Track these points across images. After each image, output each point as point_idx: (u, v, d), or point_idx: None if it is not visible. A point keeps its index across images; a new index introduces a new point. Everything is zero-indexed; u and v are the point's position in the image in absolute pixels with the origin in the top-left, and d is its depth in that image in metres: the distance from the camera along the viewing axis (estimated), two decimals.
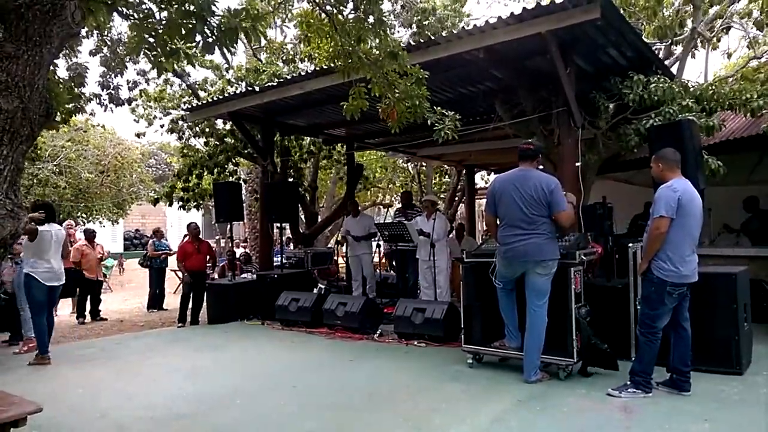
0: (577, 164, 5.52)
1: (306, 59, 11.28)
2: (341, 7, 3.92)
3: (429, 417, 3.67)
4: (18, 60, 2.41)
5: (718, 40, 10.02)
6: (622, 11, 6.13)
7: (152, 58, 3.16)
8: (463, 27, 5.83)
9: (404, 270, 8.37)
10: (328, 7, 3.93)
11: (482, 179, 17.20)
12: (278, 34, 12.43)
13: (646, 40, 7.19)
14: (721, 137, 6.81)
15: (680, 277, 3.77)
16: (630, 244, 4.80)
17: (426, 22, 11.62)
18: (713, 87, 5.83)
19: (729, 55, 11.15)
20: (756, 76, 6.77)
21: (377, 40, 3.96)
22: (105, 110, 10.66)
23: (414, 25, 12.00)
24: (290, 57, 11.51)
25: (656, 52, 7.98)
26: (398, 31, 13.07)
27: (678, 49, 9.75)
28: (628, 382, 3.92)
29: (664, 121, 5.22)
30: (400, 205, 9.14)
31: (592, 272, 5.26)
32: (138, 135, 13.92)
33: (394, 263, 9.70)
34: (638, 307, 4.13)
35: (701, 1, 8.45)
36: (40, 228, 5.45)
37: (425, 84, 4.32)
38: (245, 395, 4.27)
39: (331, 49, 4.11)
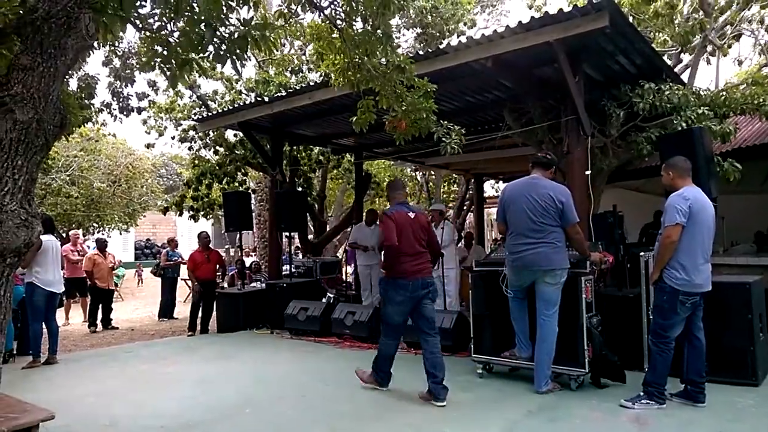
0: (587, 173, 5.50)
1: (315, 71, 11.34)
2: (351, 21, 3.96)
3: (438, 427, 3.65)
4: (33, 72, 2.45)
5: (729, 47, 9.97)
6: (631, 19, 6.12)
7: (166, 71, 3.20)
8: (470, 35, 5.83)
9: None
10: (338, 21, 3.97)
11: (491, 188, 17.18)
12: (287, 45, 12.47)
13: (657, 48, 7.18)
14: (734, 145, 6.76)
15: (693, 286, 3.73)
16: (642, 253, 4.76)
17: (429, 19, 11.58)
18: (724, 93, 5.80)
19: (740, 63, 11.08)
20: (767, 81, 6.74)
21: (385, 53, 3.99)
22: (114, 120, 10.77)
23: (417, 27, 11.98)
24: (298, 68, 11.58)
25: (669, 58, 7.96)
26: (403, 34, 13.06)
27: (687, 57, 9.73)
28: (641, 393, 3.88)
29: (685, 125, 5.19)
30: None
31: (603, 282, 5.22)
32: (148, 146, 14.06)
33: None
34: (651, 317, 4.09)
35: (712, 9, 8.43)
36: (42, 238, 5.59)
37: (433, 97, 4.34)
38: (254, 404, 4.26)
39: (342, 64, 4.15)
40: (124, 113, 10.76)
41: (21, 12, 2.57)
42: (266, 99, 7.66)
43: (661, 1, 7.98)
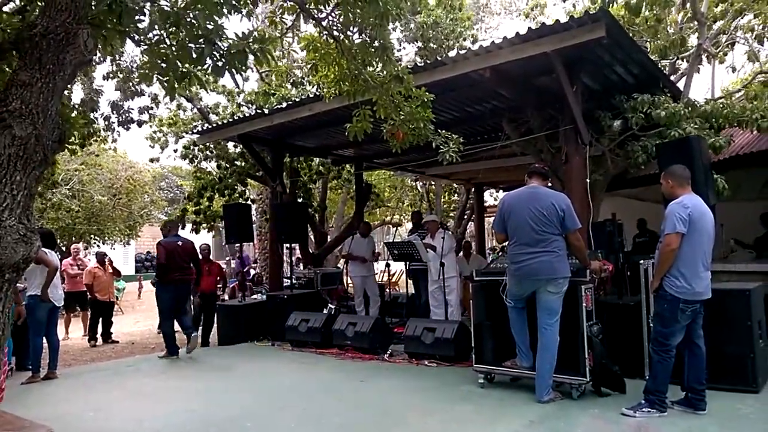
0: (586, 181, 5.51)
1: (314, 84, 11.42)
2: (348, 32, 3.99)
3: None
4: (32, 87, 2.47)
5: (725, 55, 10.02)
6: (626, 29, 6.16)
7: (165, 83, 3.23)
8: (469, 48, 5.88)
9: (417, 289, 8.33)
10: (335, 32, 4.00)
11: (491, 197, 17.19)
12: (286, 57, 12.57)
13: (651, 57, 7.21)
14: (731, 152, 6.77)
15: (693, 293, 3.72)
16: (641, 261, 4.76)
17: (431, 34, 11.70)
18: (723, 105, 5.78)
19: (734, 70, 11.10)
20: (765, 92, 6.74)
21: (381, 65, 4.03)
22: (112, 133, 10.84)
23: (419, 41, 12.10)
24: (299, 80, 11.66)
25: (662, 68, 8.01)
26: (404, 48, 13.18)
27: (683, 65, 9.77)
28: (642, 401, 3.86)
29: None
30: (411, 226, 9.09)
31: (603, 290, 5.21)
32: (152, 160, 14.21)
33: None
34: (651, 325, 4.08)
35: (705, 17, 8.48)
36: (45, 250, 5.62)
37: (431, 107, 4.36)
38: (256, 417, 4.24)
39: (336, 75, 4.17)
40: (124, 126, 10.83)
41: (20, 28, 2.60)
42: (266, 111, 7.70)
43: (649, 13, 8.03)
